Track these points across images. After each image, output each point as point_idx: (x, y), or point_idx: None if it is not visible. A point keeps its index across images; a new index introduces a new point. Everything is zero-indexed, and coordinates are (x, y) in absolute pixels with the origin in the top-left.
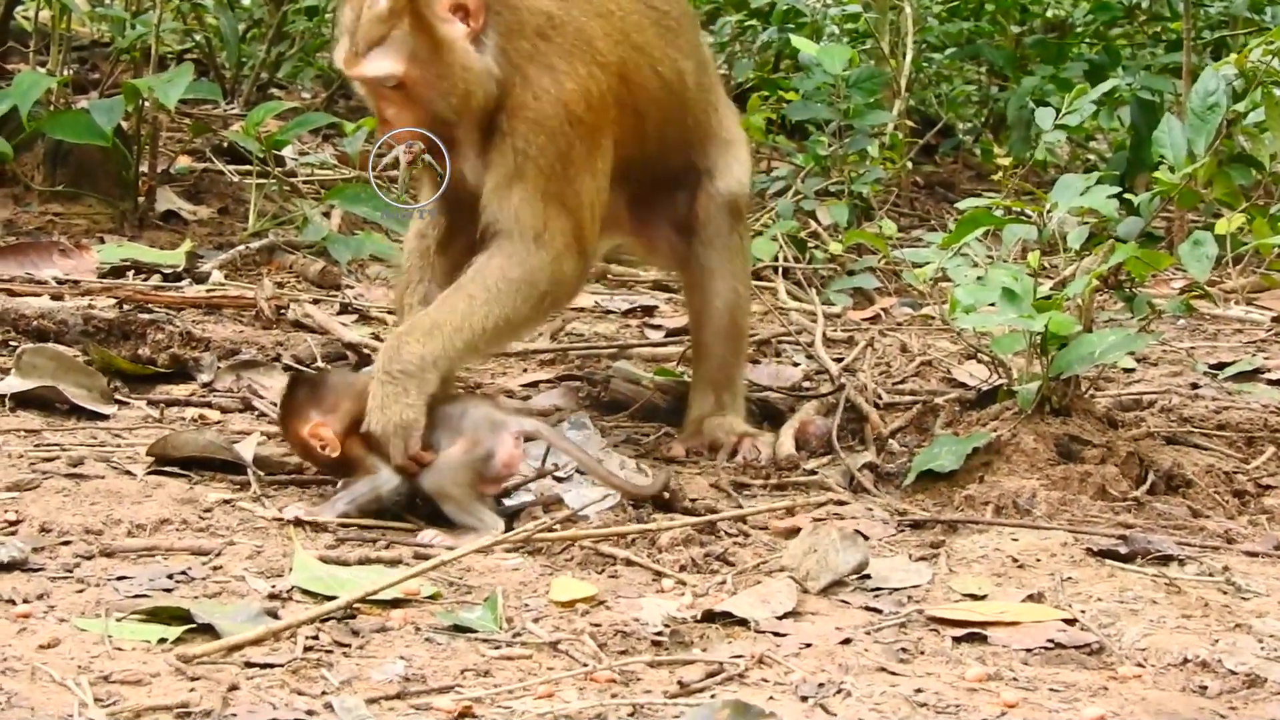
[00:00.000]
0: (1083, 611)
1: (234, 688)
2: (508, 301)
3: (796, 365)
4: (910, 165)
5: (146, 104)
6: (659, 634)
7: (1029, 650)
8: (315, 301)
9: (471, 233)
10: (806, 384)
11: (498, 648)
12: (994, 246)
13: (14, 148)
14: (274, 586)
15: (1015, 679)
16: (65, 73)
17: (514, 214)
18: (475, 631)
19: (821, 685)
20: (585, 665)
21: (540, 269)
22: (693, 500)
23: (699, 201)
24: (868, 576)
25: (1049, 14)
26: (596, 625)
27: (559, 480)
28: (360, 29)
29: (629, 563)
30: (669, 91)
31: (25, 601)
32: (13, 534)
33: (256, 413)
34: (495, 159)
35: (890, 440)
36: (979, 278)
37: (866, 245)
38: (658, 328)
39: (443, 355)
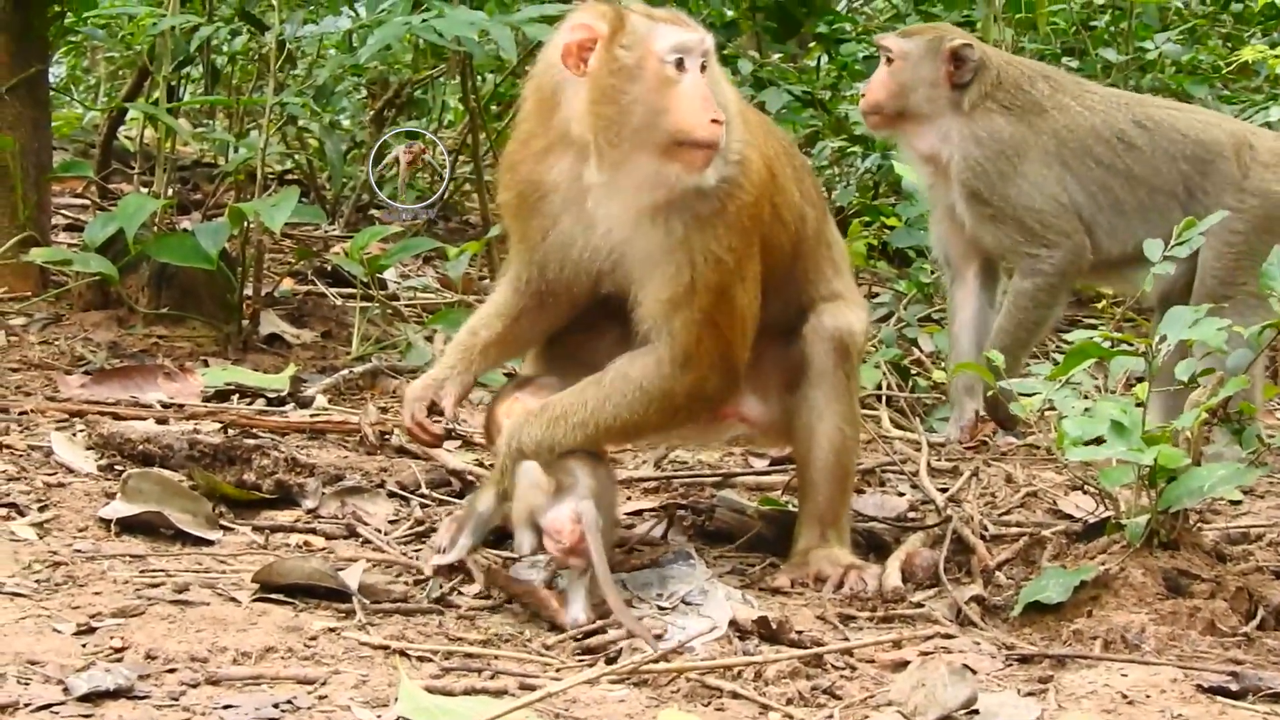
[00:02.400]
0: None
1: None
2: (639, 409)
3: (901, 495)
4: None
5: (251, 227)
6: None
7: None
8: None
9: (556, 315)
10: (912, 514)
11: None
12: (1098, 375)
13: (119, 270)
14: (379, 716)
15: None
16: (169, 193)
17: (670, 333)
18: None
19: None
20: None
21: (681, 387)
22: (799, 632)
23: (804, 339)
24: (976, 712)
25: None
26: None
27: (664, 610)
28: None
29: (735, 695)
30: (792, 230)
31: None
32: (118, 661)
33: (361, 539)
34: (664, 266)
35: (997, 573)
36: (1086, 410)
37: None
38: (761, 455)
39: (560, 443)
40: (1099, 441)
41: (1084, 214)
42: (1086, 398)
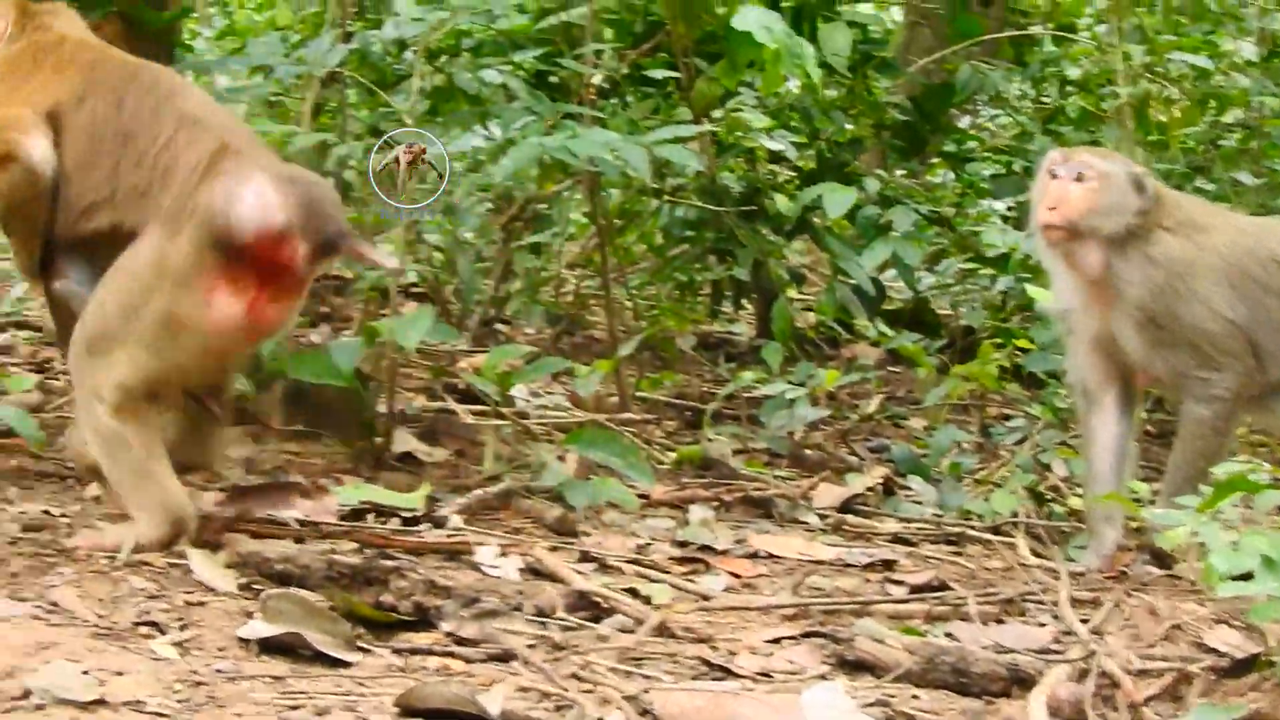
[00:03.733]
0: None
1: None
2: None
3: (1043, 625)
4: (1145, 415)
5: (383, 343)
6: None
7: None
8: (554, 549)
9: None
10: (1054, 646)
11: None
12: (1244, 505)
13: (253, 386)
14: None
15: None
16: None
17: None
18: None
19: None
20: None
21: None
22: None
23: None
24: None
25: None
26: None
27: None
28: None
29: None
30: None
31: None
32: None
33: (501, 663)
34: None
35: (1144, 708)
36: (1233, 543)
37: None
38: (899, 583)
39: None
40: (1247, 576)
41: (1250, 334)
42: (1234, 529)
